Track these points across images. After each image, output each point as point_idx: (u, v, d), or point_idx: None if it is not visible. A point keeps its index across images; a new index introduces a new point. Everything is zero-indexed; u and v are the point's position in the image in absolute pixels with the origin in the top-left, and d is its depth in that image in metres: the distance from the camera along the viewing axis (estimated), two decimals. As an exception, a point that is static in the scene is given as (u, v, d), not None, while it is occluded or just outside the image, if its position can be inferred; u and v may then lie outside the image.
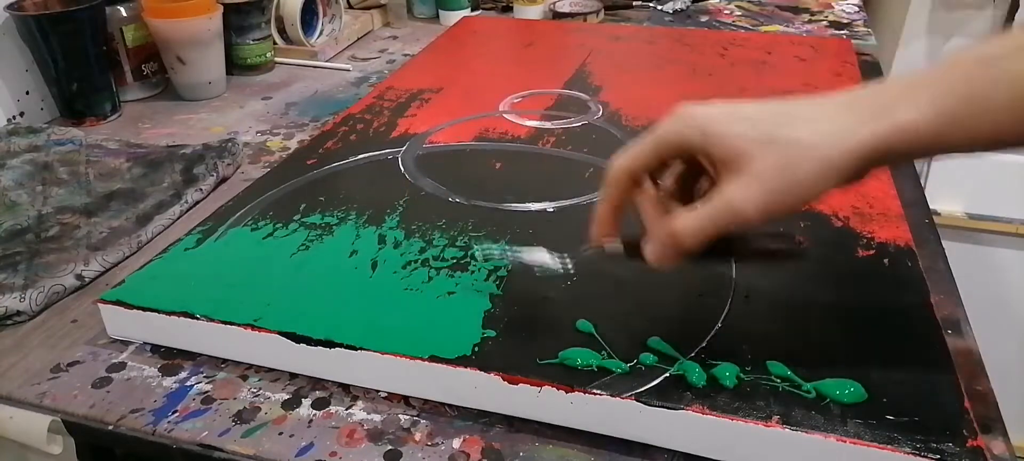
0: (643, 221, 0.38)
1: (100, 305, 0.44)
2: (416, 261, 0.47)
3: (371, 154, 0.62)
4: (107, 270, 0.52)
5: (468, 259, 0.47)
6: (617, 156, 0.38)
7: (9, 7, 0.72)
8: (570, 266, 0.43)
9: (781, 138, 0.33)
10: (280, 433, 0.39)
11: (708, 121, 0.35)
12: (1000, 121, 0.31)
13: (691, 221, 0.35)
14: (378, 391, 0.41)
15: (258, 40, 0.88)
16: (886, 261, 0.47)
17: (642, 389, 0.37)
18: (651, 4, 1.10)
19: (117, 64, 0.80)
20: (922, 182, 0.40)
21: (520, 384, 0.38)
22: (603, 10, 1.05)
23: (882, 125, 0.32)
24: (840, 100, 0.34)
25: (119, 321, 0.45)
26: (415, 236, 0.50)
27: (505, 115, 0.70)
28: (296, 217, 0.52)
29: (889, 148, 0.32)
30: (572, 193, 0.55)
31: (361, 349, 0.40)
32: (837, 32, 0.95)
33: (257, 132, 0.74)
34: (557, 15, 1.03)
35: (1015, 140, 0.32)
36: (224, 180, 0.64)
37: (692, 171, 0.39)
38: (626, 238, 0.39)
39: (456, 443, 0.38)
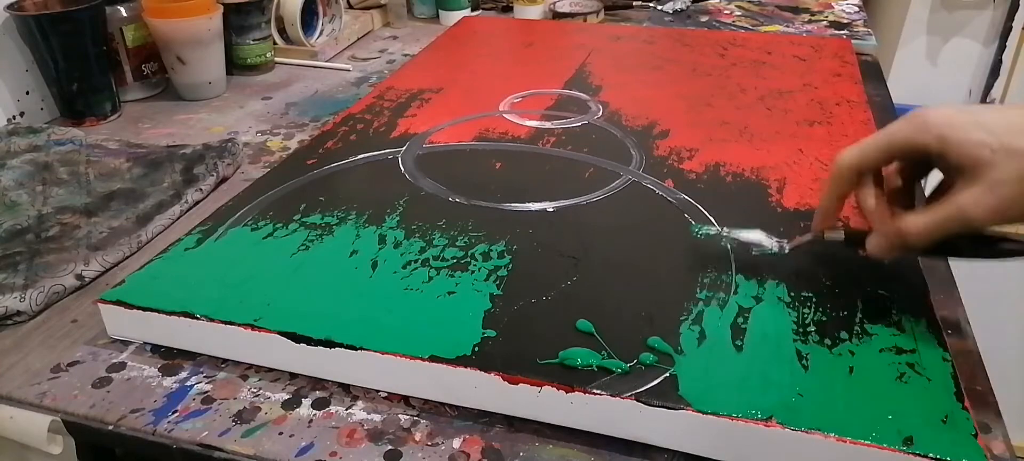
0: (866, 214, 0.41)
1: (100, 305, 0.44)
2: (416, 261, 0.47)
3: (371, 154, 0.62)
4: (107, 270, 0.52)
5: (468, 259, 0.47)
6: (846, 151, 0.40)
7: (9, 7, 0.72)
8: (786, 248, 0.45)
9: (1021, 149, 0.34)
10: (280, 433, 0.39)
11: (947, 127, 0.36)
12: None
13: (921, 222, 0.37)
14: (378, 391, 0.41)
15: (258, 40, 0.88)
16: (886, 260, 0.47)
17: (642, 389, 0.37)
18: (651, 4, 1.10)
19: (117, 64, 0.80)
20: (922, 182, 0.41)
21: (520, 384, 0.38)
22: (603, 10, 1.05)
23: None
24: None
25: (119, 321, 0.45)
26: (415, 236, 0.50)
27: (505, 115, 0.70)
28: (296, 217, 0.52)
29: None
30: (572, 193, 0.55)
31: (361, 349, 0.40)
32: (837, 32, 0.95)
33: (257, 132, 0.74)
34: (557, 15, 1.03)
35: None
36: (224, 180, 0.64)
37: (912, 171, 0.41)
38: (848, 228, 0.43)
39: (456, 443, 0.38)
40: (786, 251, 0.45)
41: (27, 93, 0.76)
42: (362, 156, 0.62)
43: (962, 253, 0.41)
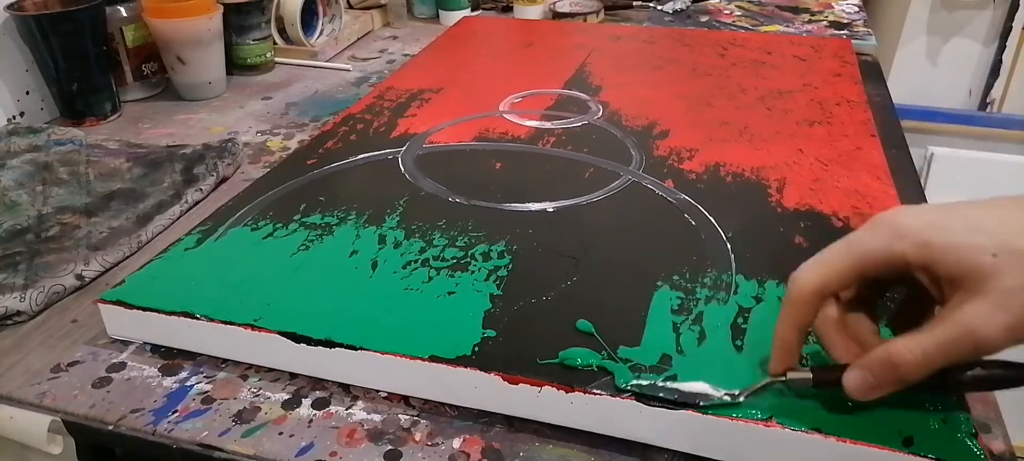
0: (829, 347, 0.34)
1: (100, 305, 0.44)
2: (416, 261, 0.47)
3: (371, 154, 0.62)
4: (107, 270, 0.52)
5: (468, 259, 0.47)
6: (804, 271, 0.33)
7: (9, 7, 0.72)
8: (741, 399, 0.36)
9: None
10: (280, 433, 0.39)
11: (927, 231, 0.30)
12: None
13: (917, 350, 0.30)
14: (378, 391, 0.41)
15: (258, 40, 0.88)
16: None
17: (642, 389, 0.37)
18: (651, 4, 1.10)
19: (117, 64, 0.80)
20: (922, 182, 0.39)
21: (520, 384, 0.38)
22: (603, 10, 1.05)
23: None
24: None
25: (119, 321, 0.45)
26: (415, 236, 0.50)
27: (505, 115, 0.70)
28: (296, 217, 0.52)
29: None
30: (572, 193, 0.55)
31: (361, 349, 0.40)
32: (837, 32, 0.95)
33: (257, 132, 0.74)
34: (557, 15, 1.03)
35: None
36: (224, 180, 0.64)
37: (878, 285, 0.34)
38: (816, 367, 0.35)
39: (456, 443, 0.38)
40: (741, 401, 0.36)
41: (27, 93, 0.76)
42: (362, 156, 0.62)
43: (957, 385, 0.33)
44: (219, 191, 0.63)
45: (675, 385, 0.36)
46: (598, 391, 0.37)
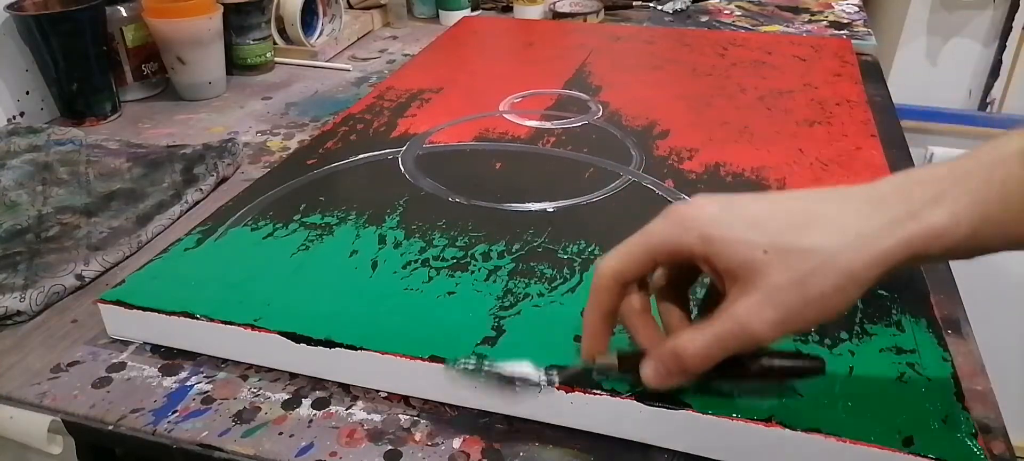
0: (631, 333, 0.35)
1: (100, 305, 0.44)
2: (416, 261, 0.47)
3: (371, 154, 0.62)
4: (107, 270, 0.52)
5: (468, 259, 0.47)
6: (604, 259, 0.34)
7: (9, 7, 0.72)
8: (557, 381, 0.37)
9: (796, 247, 0.29)
10: (280, 433, 0.39)
11: (710, 225, 0.31)
12: None
13: (698, 342, 0.31)
14: (378, 391, 0.41)
15: (258, 40, 0.88)
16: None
17: (642, 389, 0.37)
18: (651, 4, 1.10)
19: (117, 64, 0.80)
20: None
21: (520, 384, 0.38)
22: (603, 10, 1.05)
23: (911, 229, 0.28)
24: (863, 196, 0.30)
25: (119, 321, 0.45)
26: (415, 236, 0.50)
27: (505, 115, 0.70)
28: (296, 217, 0.52)
29: (917, 254, 0.29)
30: (572, 193, 0.55)
31: (361, 349, 0.40)
32: (837, 32, 0.95)
33: (257, 132, 0.74)
34: (557, 15, 1.03)
35: None
36: (224, 180, 0.64)
37: (686, 272, 0.35)
38: (622, 352, 0.35)
39: (456, 443, 0.38)
40: (556, 384, 0.37)
41: (27, 93, 0.76)
42: (362, 156, 0.62)
43: (750, 375, 0.34)
44: (219, 191, 0.63)
45: (496, 367, 0.37)
46: (598, 391, 0.37)
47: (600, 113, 0.70)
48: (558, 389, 0.37)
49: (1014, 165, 0.28)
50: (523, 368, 0.37)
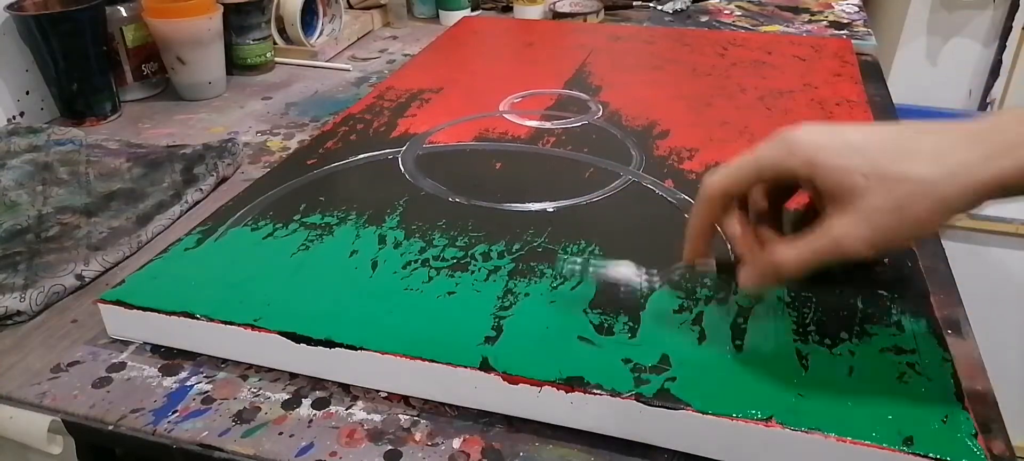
0: (732, 242, 0.39)
1: (100, 305, 0.44)
2: (416, 261, 0.47)
3: (371, 154, 0.62)
4: (107, 270, 0.52)
5: (468, 259, 0.47)
6: (712, 173, 0.38)
7: (9, 7, 0.72)
8: (658, 284, 0.41)
9: (895, 174, 0.32)
10: (280, 433, 0.39)
11: (816, 150, 0.34)
12: None
13: (794, 253, 0.35)
14: (378, 391, 0.41)
15: (258, 40, 0.88)
16: (886, 260, 0.47)
17: (642, 389, 0.37)
18: (651, 4, 1.10)
19: (117, 64, 0.80)
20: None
21: (520, 384, 0.38)
22: (603, 10, 1.05)
23: (1007, 162, 0.31)
24: (961, 131, 0.32)
25: (119, 321, 0.45)
26: (415, 236, 0.50)
27: (505, 115, 0.70)
28: (296, 217, 0.52)
29: (1008, 185, 0.31)
30: (572, 193, 0.55)
31: (361, 349, 0.40)
32: (837, 32, 0.95)
33: (257, 132, 0.74)
34: (557, 15, 1.03)
35: None
36: (224, 180, 0.64)
37: (782, 190, 0.39)
38: (720, 258, 0.40)
39: (456, 443, 0.38)
40: (657, 287, 0.41)
41: (27, 93, 0.76)
42: (362, 156, 0.62)
43: (839, 280, 0.39)
44: (219, 191, 0.63)
45: (603, 269, 0.41)
46: (598, 391, 0.37)
47: (600, 113, 0.70)
48: (559, 389, 0.37)
49: None
50: (625, 270, 0.41)
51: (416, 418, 0.40)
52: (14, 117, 0.75)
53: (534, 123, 0.68)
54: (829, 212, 0.34)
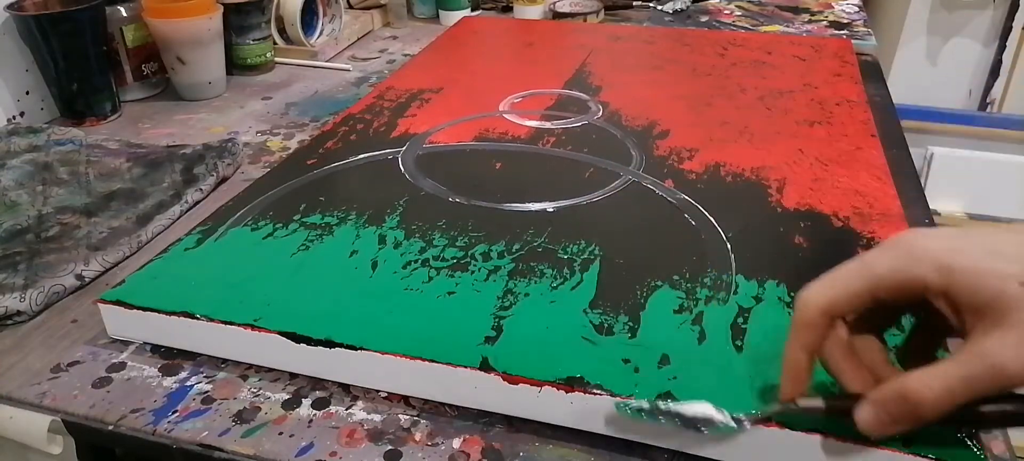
0: (837, 375, 0.32)
1: (100, 305, 0.44)
2: (416, 261, 0.47)
3: (371, 154, 0.62)
4: (107, 270, 0.52)
5: (468, 259, 0.47)
6: (811, 290, 0.31)
7: (9, 7, 0.72)
8: (747, 425, 0.34)
9: None
10: (280, 433, 0.39)
11: (952, 254, 0.28)
12: None
13: (939, 385, 0.28)
14: (378, 391, 0.41)
15: (258, 40, 0.88)
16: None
17: (642, 389, 0.37)
18: (651, 4, 1.10)
19: (117, 64, 0.80)
20: (922, 182, 0.39)
21: (520, 384, 0.38)
22: (603, 10, 1.05)
23: None
24: None
25: (119, 321, 0.45)
26: (415, 236, 0.50)
27: (505, 115, 0.70)
28: (296, 217, 0.52)
29: None
30: (572, 193, 0.55)
31: (361, 349, 0.40)
32: (837, 32, 0.95)
33: (257, 132, 0.74)
34: (557, 15, 1.03)
35: None
36: (224, 180, 0.64)
37: (891, 309, 0.32)
38: (827, 397, 0.32)
39: (456, 443, 0.38)
40: (747, 428, 0.34)
41: (27, 93, 0.76)
42: (362, 156, 0.62)
43: (977, 421, 0.31)
44: (219, 191, 0.63)
45: (678, 409, 0.35)
46: (598, 391, 0.37)
47: (600, 113, 0.70)
48: (559, 389, 0.37)
49: None
50: (704, 409, 0.34)
51: (416, 418, 0.40)
52: (14, 117, 0.75)
53: (534, 123, 0.68)
54: (976, 331, 0.28)
